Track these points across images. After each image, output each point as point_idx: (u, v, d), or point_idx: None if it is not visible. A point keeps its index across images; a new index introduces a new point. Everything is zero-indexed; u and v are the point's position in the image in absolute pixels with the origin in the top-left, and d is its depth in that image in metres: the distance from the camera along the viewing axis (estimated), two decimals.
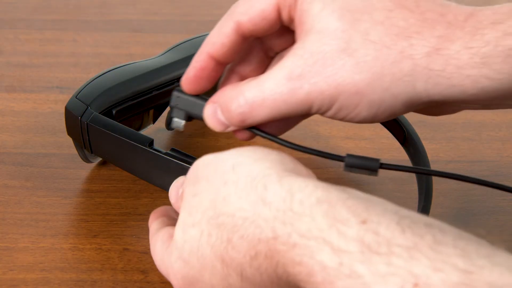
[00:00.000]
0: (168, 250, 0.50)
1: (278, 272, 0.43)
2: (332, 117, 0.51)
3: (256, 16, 0.51)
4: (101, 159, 0.68)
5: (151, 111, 0.68)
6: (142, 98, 0.66)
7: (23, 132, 0.73)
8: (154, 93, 0.67)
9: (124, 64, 0.68)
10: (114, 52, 0.87)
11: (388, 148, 0.73)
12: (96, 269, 0.58)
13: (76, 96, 0.64)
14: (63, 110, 0.65)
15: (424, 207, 0.59)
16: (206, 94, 0.55)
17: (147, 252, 0.60)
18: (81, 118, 0.63)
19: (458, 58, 0.48)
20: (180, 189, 0.52)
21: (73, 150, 0.67)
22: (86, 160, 0.67)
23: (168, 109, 0.69)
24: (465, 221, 0.64)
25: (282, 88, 0.50)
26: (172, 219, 0.55)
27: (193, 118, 0.56)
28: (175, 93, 0.56)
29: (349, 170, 0.53)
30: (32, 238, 0.61)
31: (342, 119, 0.51)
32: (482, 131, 0.76)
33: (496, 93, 0.49)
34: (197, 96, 0.55)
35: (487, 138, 0.75)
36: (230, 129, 0.53)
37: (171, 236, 0.51)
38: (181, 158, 0.58)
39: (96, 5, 0.96)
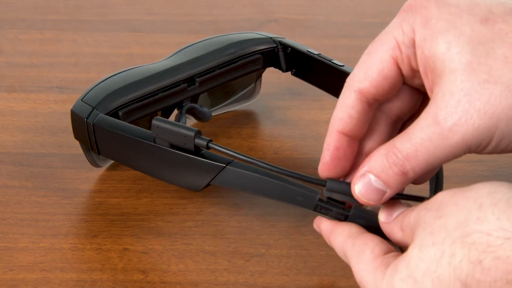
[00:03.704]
0: (388, 271, 0.47)
1: None
2: (493, 151, 0.48)
3: (377, 77, 0.50)
4: (110, 163, 0.68)
5: (159, 114, 0.68)
6: (148, 100, 0.66)
7: (23, 132, 0.73)
8: (160, 95, 0.67)
9: (130, 68, 0.68)
10: (114, 52, 0.87)
11: None
12: (96, 269, 0.58)
13: (82, 99, 0.65)
14: (63, 110, 0.65)
15: None
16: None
17: (147, 252, 0.60)
18: (87, 119, 0.63)
19: None
20: (398, 225, 0.50)
21: (73, 150, 0.67)
22: (95, 164, 0.67)
23: (175, 111, 0.70)
24: None
25: (431, 135, 0.47)
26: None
27: (175, 146, 0.56)
28: (154, 123, 0.56)
29: (329, 195, 0.53)
30: (32, 238, 0.61)
31: (504, 151, 0.48)
32: None
33: None
34: (175, 124, 0.56)
35: None
36: (386, 197, 0.50)
37: (386, 265, 0.48)
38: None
39: (96, 5, 0.96)
